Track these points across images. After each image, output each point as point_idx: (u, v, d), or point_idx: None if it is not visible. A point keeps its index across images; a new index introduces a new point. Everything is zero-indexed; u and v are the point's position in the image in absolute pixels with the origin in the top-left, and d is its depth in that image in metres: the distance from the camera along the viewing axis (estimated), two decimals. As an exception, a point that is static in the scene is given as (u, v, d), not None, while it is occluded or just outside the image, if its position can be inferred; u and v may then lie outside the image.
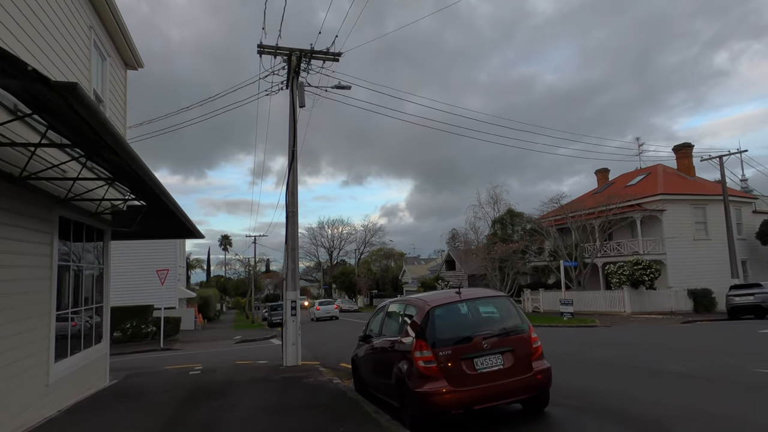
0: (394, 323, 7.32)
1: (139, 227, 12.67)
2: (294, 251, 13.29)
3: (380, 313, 8.10)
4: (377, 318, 8.19)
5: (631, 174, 38.97)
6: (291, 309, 12.97)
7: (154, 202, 10.01)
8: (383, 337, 7.39)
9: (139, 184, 8.33)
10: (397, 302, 7.66)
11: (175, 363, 16.33)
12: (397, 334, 6.85)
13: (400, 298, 7.96)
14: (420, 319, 6.29)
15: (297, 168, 13.59)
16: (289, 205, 13.35)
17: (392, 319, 7.44)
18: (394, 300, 7.85)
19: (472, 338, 6.07)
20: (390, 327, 7.42)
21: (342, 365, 13.18)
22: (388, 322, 7.52)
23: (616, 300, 27.72)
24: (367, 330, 8.43)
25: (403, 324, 6.78)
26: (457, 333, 6.15)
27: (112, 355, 21.63)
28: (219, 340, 25.53)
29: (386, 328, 7.50)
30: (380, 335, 7.60)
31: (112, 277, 30.20)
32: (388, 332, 7.37)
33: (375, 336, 7.89)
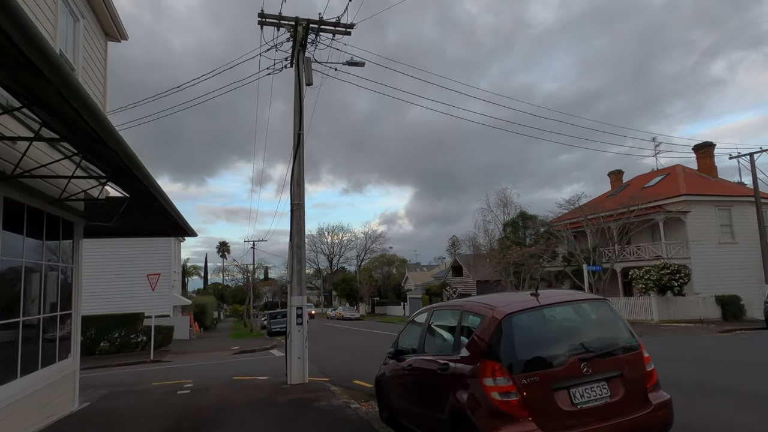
0: (442, 336, 5.52)
1: (122, 223, 10.89)
2: (300, 250, 11.47)
3: (418, 323, 6.28)
4: (414, 329, 6.37)
5: (647, 175, 37.28)
6: (297, 317, 11.13)
7: (138, 193, 8.28)
8: (426, 355, 5.57)
9: (119, 168, 6.57)
10: (444, 308, 5.84)
11: (164, 378, 14.46)
12: (450, 351, 5.04)
13: (448, 302, 6.11)
14: (488, 331, 4.48)
15: (303, 154, 11.81)
16: (294, 196, 11.56)
17: (439, 331, 5.64)
18: (439, 305, 6.01)
19: (567, 359, 4.26)
20: (435, 341, 5.61)
21: (356, 383, 11.32)
22: (433, 335, 5.70)
23: (641, 307, 25.86)
24: (398, 344, 6.61)
25: (459, 337, 4.97)
26: (544, 351, 4.34)
27: (97, 368, 19.84)
28: (215, 351, 23.61)
29: (430, 343, 5.68)
30: (420, 351, 5.77)
31: (97, 283, 28.30)
32: (433, 348, 5.56)
33: (412, 352, 6.07)
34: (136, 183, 6.96)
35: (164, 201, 8.45)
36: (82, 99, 4.15)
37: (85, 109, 4.46)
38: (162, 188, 8.34)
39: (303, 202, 11.60)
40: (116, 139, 6.00)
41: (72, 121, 4.90)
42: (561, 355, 4.29)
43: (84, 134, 5.31)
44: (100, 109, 5.41)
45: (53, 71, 3.67)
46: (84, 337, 22.42)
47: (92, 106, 5.18)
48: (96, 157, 6.52)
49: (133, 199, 9.18)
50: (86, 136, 5.75)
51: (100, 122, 5.23)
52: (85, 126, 5.28)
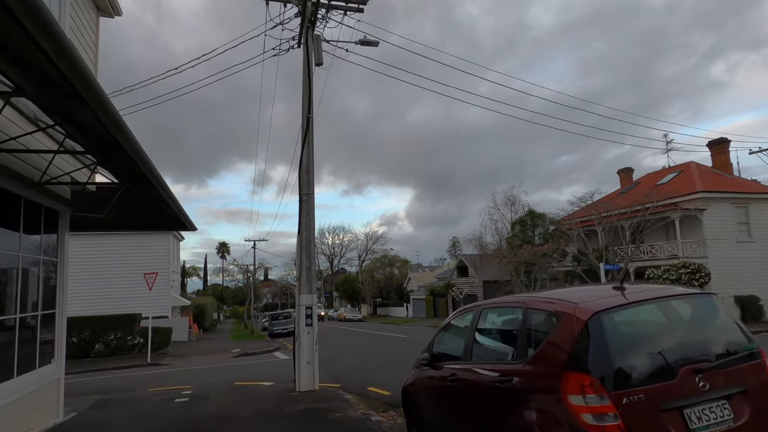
0: (498, 340, 4.55)
1: (114, 214, 9.92)
2: (310, 244, 10.48)
3: (461, 326, 5.29)
4: (455, 332, 5.38)
5: (659, 173, 36.29)
6: (306, 318, 10.14)
7: (133, 179, 7.34)
8: (475, 363, 4.57)
9: (111, 149, 5.62)
10: (498, 306, 4.84)
11: (161, 383, 13.46)
12: (511, 360, 4.05)
13: (503, 298, 5.06)
14: (570, 334, 3.49)
15: (313, 139, 10.83)
16: (303, 185, 10.57)
17: (493, 334, 4.65)
18: (490, 303, 4.99)
19: (678, 371, 3.28)
20: (488, 347, 4.63)
21: (371, 390, 10.33)
22: (485, 339, 4.71)
23: (658, 308, 24.80)
24: (433, 349, 5.61)
25: (523, 342, 3.97)
26: (647, 361, 3.36)
27: (91, 372, 18.82)
28: (215, 354, 22.61)
29: (480, 349, 4.69)
30: (465, 359, 4.78)
31: (92, 282, 27.34)
32: (486, 355, 4.57)
33: (454, 360, 5.08)
34: (129, 164, 5.99)
35: (163, 189, 7.49)
36: (97, 96, 3.26)
37: (96, 99, 3.57)
38: (162, 177, 7.40)
39: (313, 192, 10.62)
40: (124, 132, 5.05)
41: (77, 112, 3.98)
42: (669, 365, 3.30)
43: (90, 127, 4.37)
44: (112, 106, 4.46)
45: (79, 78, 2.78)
46: (78, 339, 21.47)
47: (106, 102, 4.23)
48: (88, 138, 5.53)
49: (128, 187, 8.22)
50: (91, 128, 4.81)
51: (113, 119, 4.31)
52: (90, 118, 4.33)
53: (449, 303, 47.12)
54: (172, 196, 8.36)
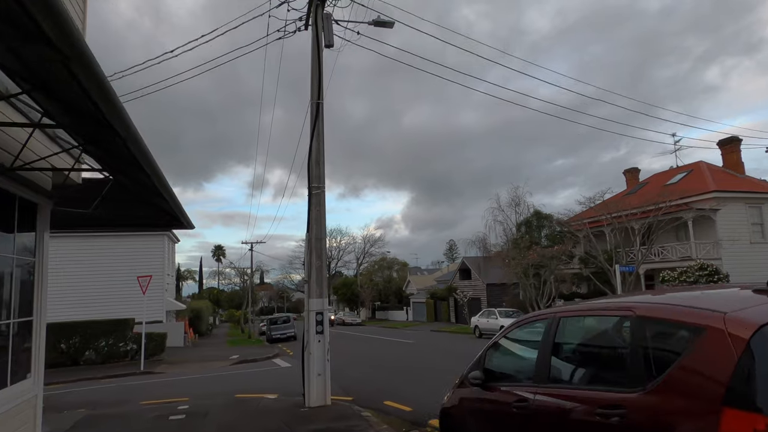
0: (591, 357, 3.56)
1: (103, 210, 8.90)
2: (320, 242, 9.47)
3: (528, 336, 4.30)
4: (519, 345, 4.40)
5: (667, 173, 35.49)
6: (316, 324, 9.12)
7: (123, 169, 6.36)
8: (556, 387, 3.57)
9: (93, 124, 4.63)
10: (588, 313, 3.80)
11: (155, 395, 12.41)
12: (618, 385, 3.05)
13: (594, 303, 3.96)
14: (725, 355, 2.51)
15: (323, 127, 9.84)
16: (313, 178, 9.57)
17: (582, 348, 3.66)
18: (572, 309, 3.95)
19: None
20: (575, 365, 3.63)
21: (389, 405, 9.31)
22: (570, 354, 3.72)
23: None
24: (484, 365, 4.61)
25: (639, 363, 2.98)
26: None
27: (80, 381, 17.66)
28: (212, 361, 21.50)
29: (561, 367, 3.70)
30: (540, 380, 3.76)
31: (83, 286, 26.20)
32: (573, 376, 3.58)
33: (518, 380, 4.09)
34: (117, 144, 4.98)
35: (157, 178, 6.46)
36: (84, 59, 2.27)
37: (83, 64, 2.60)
38: (159, 168, 6.41)
39: (323, 185, 9.62)
40: (117, 110, 4.05)
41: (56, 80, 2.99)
42: None
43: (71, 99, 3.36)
44: (103, 76, 3.46)
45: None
46: (67, 346, 20.35)
47: (97, 73, 3.25)
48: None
49: (118, 179, 7.22)
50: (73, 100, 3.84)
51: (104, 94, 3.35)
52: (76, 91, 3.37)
53: (451, 306, 46.13)
54: (168, 188, 7.33)
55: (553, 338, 3.77)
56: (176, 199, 8.19)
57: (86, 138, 5.73)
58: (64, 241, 27.14)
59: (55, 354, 19.83)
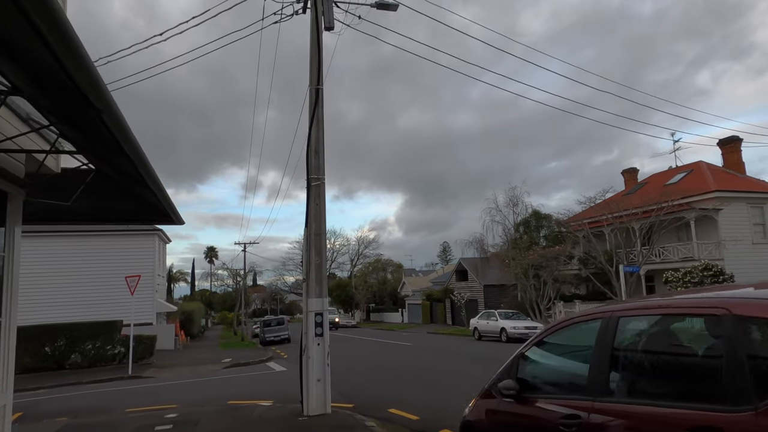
0: (669, 365, 2.91)
1: (86, 203, 8.22)
2: (320, 238, 8.81)
3: (575, 339, 3.67)
4: (565, 349, 3.76)
5: (666, 173, 35.12)
6: (315, 326, 8.45)
7: (107, 160, 5.73)
8: (622, 401, 2.93)
9: (71, 103, 3.99)
10: (664, 310, 3.12)
11: (142, 401, 11.69)
12: (712, 401, 2.42)
13: (675, 298, 3.23)
14: None
15: (323, 115, 9.19)
16: (312, 169, 8.92)
17: (655, 354, 3.02)
18: (641, 306, 3.29)
19: None
20: (647, 375, 2.99)
21: (393, 413, 8.66)
22: (638, 362, 3.08)
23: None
24: (518, 370, 3.97)
25: (741, 372, 2.35)
26: None
27: (65, 386, 16.84)
28: (204, 364, 20.75)
29: (627, 377, 3.05)
30: (596, 392, 3.10)
31: (68, 287, 25.27)
32: (645, 388, 2.93)
33: (565, 392, 3.47)
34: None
35: (144, 170, 5.80)
36: None
37: None
38: (147, 158, 5.77)
39: (323, 177, 8.97)
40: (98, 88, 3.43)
41: None
42: None
43: None
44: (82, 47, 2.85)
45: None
46: (51, 349, 19.51)
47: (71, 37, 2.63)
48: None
49: (100, 169, 6.54)
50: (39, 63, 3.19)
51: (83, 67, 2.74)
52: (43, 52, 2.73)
53: (447, 308, 45.54)
54: (155, 178, 6.65)
55: (612, 343, 3.13)
56: (164, 191, 7.49)
57: (59, 116, 5.06)
58: (49, 241, 26.29)
59: (38, 357, 19.03)
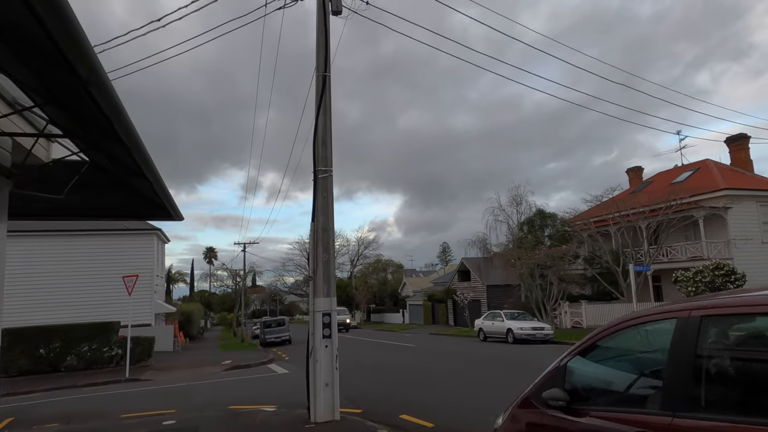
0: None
1: (79, 197, 7.74)
2: (327, 233, 8.31)
3: (641, 344, 3.17)
4: (629, 355, 3.27)
5: (672, 171, 34.67)
6: (323, 327, 7.95)
7: (100, 148, 5.29)
8: (710, 416, 2.42)
9: (58, 75, 3.54)
10: (752, 305, 2.63)
11: (139, 406, 11.18)
12: None
13: (751, 295, 2.80)
14: None
15: (330, 103, 8.70)
16: (319, 161, 8.42)
17: (755, 362, 2.51)
18: (732, 301, 2.77)
19: None
20: (745, 388, 2.48)
21: (406, 419, 8.15)
22: (733, 370, 2.57)
23: (687, 313, 22.84)
24: (566, 377, 3.46)
25: None
26: None
27: (60, 389, 16.23)
28: (203, 366, 20.22)
29: (717, 388, 2.54)
30: (679, 408, 2.58)
31: (64, 287, 24.73)
32: (741, 401, 2.43)
33: (629, 402, 2.97)
34: (86, 102, 3.85)
35: (141, 157, 5.32)
36: None
37: None
38: (145, 148, 5.30)
39: (331, 169, 8.47)
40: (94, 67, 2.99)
41: None
42: None
43: None
44: None
45: None
46: (46, 351, 18.97)
47: None
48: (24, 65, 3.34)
49: (93, 159, 6.11)
50: None
51: None
52: None
53: (449, 309, 45.01)
54: (152, 167, 6.15)
55: (694, 347, 2.62)
56: (162, 183, 6.99)
57: (43, 93, 4.58)
58: (44, 240, 25.80)
59: (33, 360, 18.51)
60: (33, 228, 25.86)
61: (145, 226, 28.91)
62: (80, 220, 10.66)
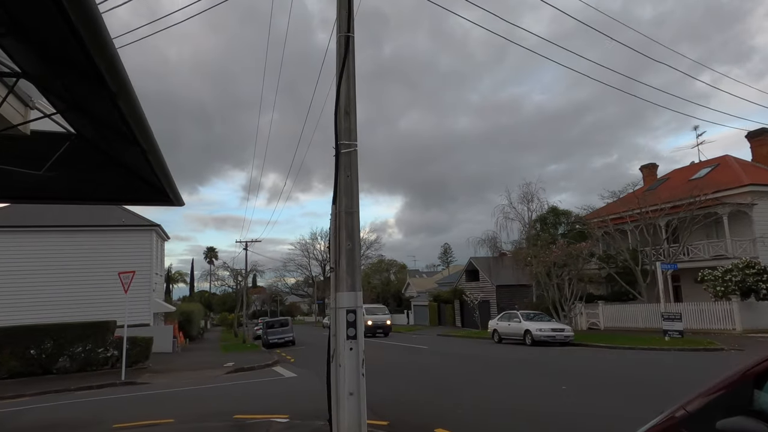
0: None
1: (63, 177, 6.62)
2: (352, 217, 7.15)
3: None
4: None
5: (690, 168, 33.51)
6: (347, 326, 6.77)
7: (83, 108, 4.18)
8: None
9: None
10: None
11: (134, 413, 10.04)
12: None
13: None
14: None
15: (354, 67, 7.55)
16: (342, 133, 7.26)
17: None
18: None
19: None
20: None
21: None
22: None
23: (718, 315, 21.69)
24: (752, 399, 2.30)
25: None
26: None
27: (51, 393, 14.96)
28: (204, 369, 19.05)
29: None
30: None
31: (57, 286, 23.49)
32: None
33: None
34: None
35: (134, 119, 4.17)
36: None
37: None
38: (147, 120, 4.21)
39: (355, 143, 7.32)
40: None
41: None
42: None
43: None
44: None
45: None
46: (37, 352, 17.76)
47: None
48: None
49: (79, 127, 5.01)
50: None
51: None
52: None
53: (456, 309, 43.83)
54: (150, 135, 4.99)
55: None
56: (159, 154, 5.79)
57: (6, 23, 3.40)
58: (36, 236, 24.70)
59: (23, 361, 17.34)
60: (24, 223, 24.75)
61: (143, 222, 27.80)
62: (64, 203, 9.48)
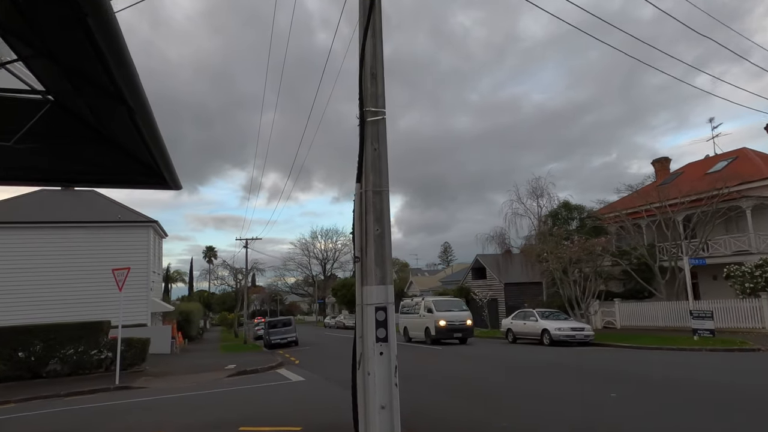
0: None
1: (42, 153, 5.60)
2: (380, 197, 6.05)
3: None
4: None
5: (705, 161, 32.48)
6: (376, 326, 5.68)
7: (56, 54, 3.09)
8: None
9: None
10: None
11: (127, 424, 8.99)
12: None
13: None
14: None
15: (381, 25, 6.46)
16: (368, 99, 6.15)
17: None
18: None
19: None
20: None
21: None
22: None
23: (740, 312, 20.68)
24: None
25: None
26: None
27: (39, 399, 13.72)
28: (204, 371, 17.95)
29: None
30: None
31: (48, 284, 22.25)
32: None
33: None
34: None
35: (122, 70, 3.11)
36: None
37: None
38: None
39: (384, 110, 6.22)
40: None
41: None
42: None
43: None
44: None
45: None
46: (26, 355, 16.61)
47: None
48: None
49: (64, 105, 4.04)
50: None
51: None
52: None
53: (462, 308, 42.74)
54: (142, 95, 3.89)
55: None
56: (154, 125, 4.70)
57: None
58: (25, 233, 23.62)
59: (10, 364, 16.22)
60: (12, 219, 23.66)
61: (139, 218, 26.73)
62: (45, 184, 8.37)
